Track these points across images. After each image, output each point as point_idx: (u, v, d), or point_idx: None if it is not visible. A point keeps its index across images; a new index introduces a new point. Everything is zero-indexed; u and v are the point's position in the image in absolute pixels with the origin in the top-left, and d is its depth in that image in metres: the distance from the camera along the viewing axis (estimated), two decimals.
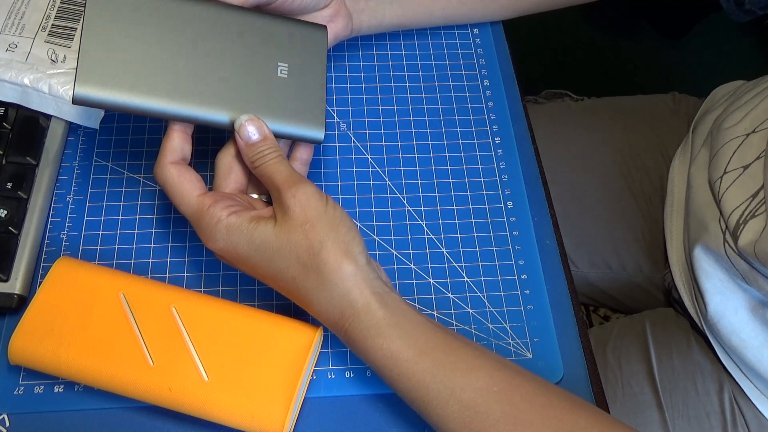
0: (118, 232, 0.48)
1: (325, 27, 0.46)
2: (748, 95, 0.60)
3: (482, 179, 0.52)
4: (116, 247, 0.48)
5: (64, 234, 0.48)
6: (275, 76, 0.43)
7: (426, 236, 0.50)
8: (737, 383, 0.59)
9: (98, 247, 0.48)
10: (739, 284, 0.55)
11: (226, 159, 0.43)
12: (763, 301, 0.54)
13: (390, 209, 0.51)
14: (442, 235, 0.50)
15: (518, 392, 0.38)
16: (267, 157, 0.41)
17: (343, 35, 0.51)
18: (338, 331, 0.40)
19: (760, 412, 0.58)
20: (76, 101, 0.38)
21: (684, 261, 0.63)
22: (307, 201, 0.39)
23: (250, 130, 0.41)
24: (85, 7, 0.39)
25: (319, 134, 0.44)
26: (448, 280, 0.48)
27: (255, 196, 0.44)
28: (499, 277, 0.49)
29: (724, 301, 0.56)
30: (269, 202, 0.43)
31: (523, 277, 0.49)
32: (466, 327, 0.47)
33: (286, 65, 0.44)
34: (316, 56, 0.45)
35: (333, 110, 0.55)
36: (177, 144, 0.42)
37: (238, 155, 0.43)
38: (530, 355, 0.46)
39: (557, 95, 0.54)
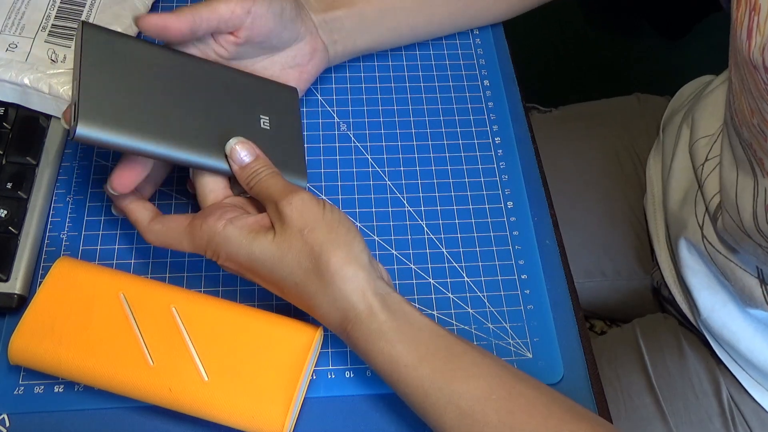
0: (118, 232, 0.48)
1: (295, 89, 0.49)
2: (712, 86, 0.61)
3: (482, 179, 0.52)
4: (116, 247, 0.48)
5: (64, 234, 0.48)
6: (259, 127, 0.45)
7: (426, 236, 0.50)
8: (734, 378, 0.59)
9: (98, 247, 0.48)
10: (720, 280, 0.56)
11: (203, 179, 0.43)
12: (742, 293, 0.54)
13: (390, 209, 0.51)
14: (442, 235, 0.50)
15: (518, 401, 0.37)
16: (261, 175, 0.41)
17: (322, 67, 0.52)
18: (341, 333, 0.40)
19: (759, 404, 0.58)
20: (78, 139, 0.38)
21: (670, 259, 0.63)
22: (304, 206, 0.39)
23: (243, 153, 0.42)
24: (81, 47, 0.40)
25: (302, 183, 0.46)
26: (448, 280, 0.48)
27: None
28: (499, 277, 0.49)
29: (713, 295, 0.57)
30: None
31: (523, 277, 0.49)
32: (466, 327, 0.47)
33: (267, 118, 0.45)
34: (291, 113, 0.48)
35: (333, 110, 0.55)
36: (139, 207, 0.43)
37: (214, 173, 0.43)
38: (530, 355, 0.46)
39: (525, 109, 0.54)
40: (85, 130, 0.38)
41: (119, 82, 0.40)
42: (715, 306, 0.57)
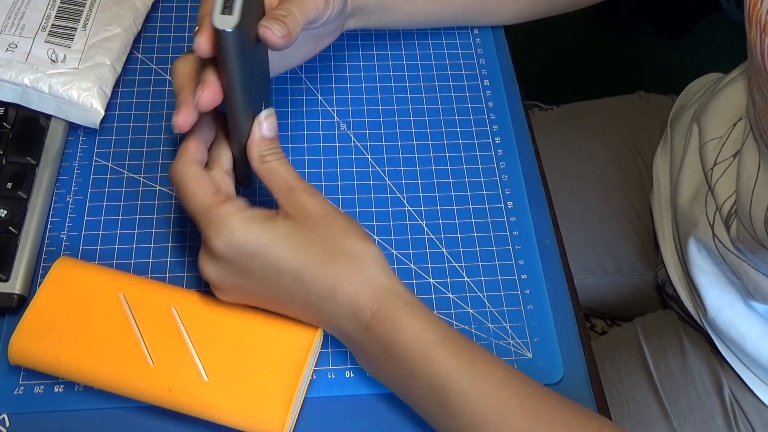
0: (118, 232, 0.48)
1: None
2: (720, 85, 0.61)
3: (482, 179, 0.52)
4: (116, 247, 0.48)
5: (64, 234, 0.48)
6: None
7: (426, 236, 0.50)
8: (736, 376, 0.59)
9: (98, 247, 0.48)
10: (730, 279, 0.55)
11: (218, 174, 0.42)
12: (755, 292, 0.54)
13: (390, 209, 0.51)
14: (442, 235, 0.50)
15: (533, 389, 0.39)
16: (279, 155, 0.41)
17: (331, 42, 0.51)
18: (365, 316, 0.39)
19: (762, 402, 0.58)
20: (222, 33, 0.35)
21: (677, 257, 0.63)
22: (323, 199, 0.40)
23: (267, 126, 0.41)
24: None
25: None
26: (448, 280, 0.48)
27: None
28: (499, 277, 0.49)
29: (720, 295, 0.57)
30: None
31: (523, 277, 0.49)
32: (466, 327, 0.47)
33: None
34: None
35: (333, 110, 0.55)
36: (199, 146, 0.41)
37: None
38: (530, 355, 0.46)
39: (526, 107, 0.54)
40: (234, 33, 0.35)
41: (252, 9, 0.38)
42: (723, 306, 0.57)
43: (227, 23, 0.35)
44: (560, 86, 1.33)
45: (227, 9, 0.35)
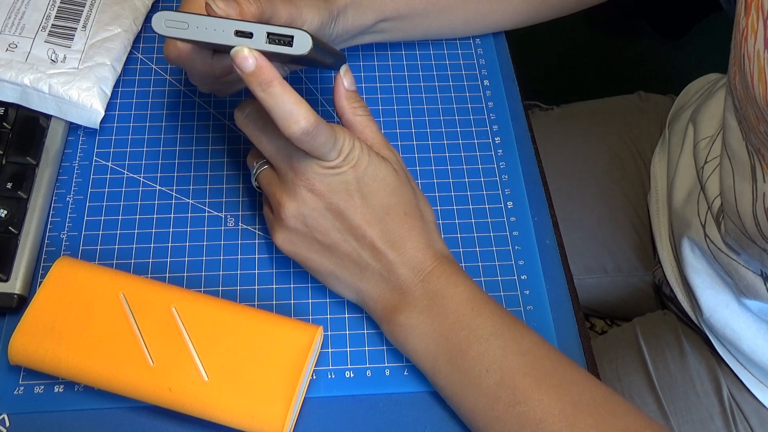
0: (118, 232, 0.48)
1: None
2: (716, 86, 0.61)
3: (482, 179, 0.52)
4: (116, 247, 0.48)
5: (64, 234, 0.48)
6: None
7: None
8: (734, 376, 0.59)
9: (98, 247, 0.48)
10: (724, 278, 0.56)
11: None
12: (747, 290, 0.54)
13: None
14: (443, 235, 0.50)
15: (559, 356, 0.41)
16: (366, 110, 0.43)
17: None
18: (425, 268, 0.42)
19: (759, 402, 0.58)
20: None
21: (673, 258, 0.63)
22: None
23: (347, 81, 0.43)
24: None
25: None
26: None
27: None
28: (499, 278, 0.49)
29: (715, 296, 0.57)
30: None
31: (523, 277, 0.49)
32: None
33: None
34: None
35: (333, 110, 0.55)
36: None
37: None
38: None
39: (527, 107, 0.54)
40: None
41: None
42: (717, 306, 0.57)
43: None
44: (560, 86, 1.33)
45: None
